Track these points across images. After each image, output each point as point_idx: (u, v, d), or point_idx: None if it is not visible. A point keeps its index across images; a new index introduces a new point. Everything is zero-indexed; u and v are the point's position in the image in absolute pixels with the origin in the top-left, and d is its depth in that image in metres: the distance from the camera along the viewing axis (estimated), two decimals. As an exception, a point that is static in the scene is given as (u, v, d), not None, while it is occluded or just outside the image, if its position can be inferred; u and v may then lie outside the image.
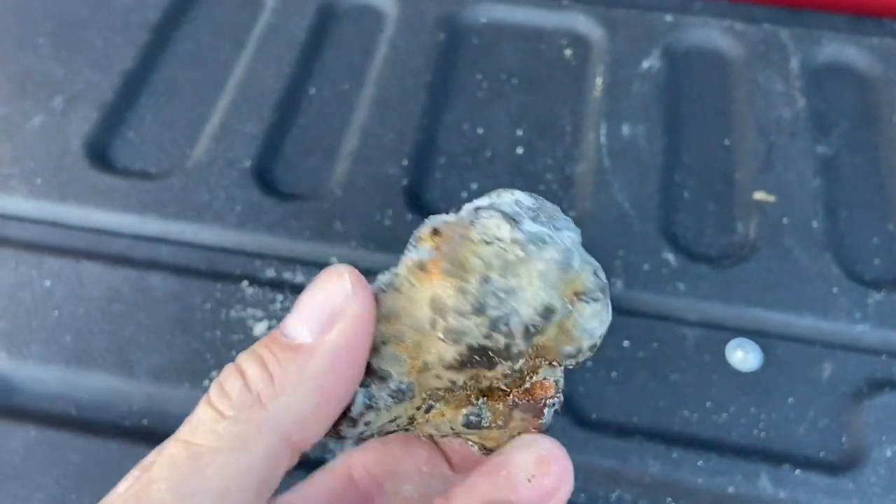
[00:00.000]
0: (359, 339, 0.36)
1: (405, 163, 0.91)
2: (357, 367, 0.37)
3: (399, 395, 0.38)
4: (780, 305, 0.79)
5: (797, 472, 0.68)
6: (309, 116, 0.98)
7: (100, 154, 0.92)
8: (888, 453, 0.69)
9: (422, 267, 0.38)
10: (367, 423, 0.39)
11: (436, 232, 0.41)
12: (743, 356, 0.75)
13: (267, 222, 0.85)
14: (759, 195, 0.89)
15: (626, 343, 0.77)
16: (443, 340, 0.37)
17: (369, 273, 0.77)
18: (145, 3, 1.08)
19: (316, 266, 0.82)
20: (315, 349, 0.35)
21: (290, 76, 1.00)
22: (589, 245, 0.80)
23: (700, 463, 0.69)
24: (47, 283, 0.79)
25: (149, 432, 0.70)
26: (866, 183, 0.91)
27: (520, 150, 0.94)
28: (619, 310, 0.79)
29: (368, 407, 0.38)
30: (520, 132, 0.96)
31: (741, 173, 0.92)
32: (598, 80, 1.01)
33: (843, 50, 1.04)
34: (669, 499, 0.68)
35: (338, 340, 0.35)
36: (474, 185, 0.91)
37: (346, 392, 0.37)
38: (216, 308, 0.77)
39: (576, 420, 0.71)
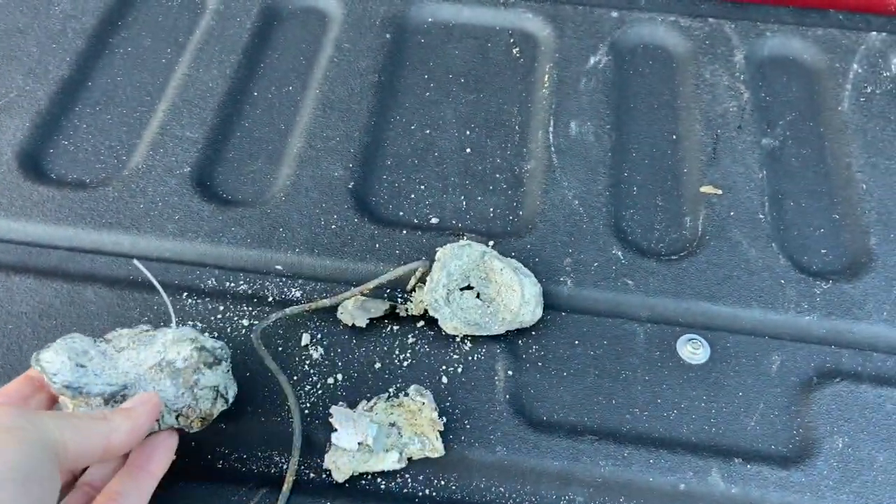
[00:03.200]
0: None
1: (351, 165, 0.89)
2: None
3: None
4: (728, 299, 0.79)
5: (748, 466, 0.67)
6: (252, 119, 0.95)
7: (33, 164, 0.88)
8: (839, 444, 0.69)
9: None
10: None
11: None
12: (692, 351, 0.75)
13: (208, 230, 0.82)
14: (705, 188, 0.89)
15: (576, 342, 0.76)
16: None
17: (313, 279, 0.76)
18: (83, 10, 1.05)
19: (259, 274, 0.80)
20: None
21: (232, 79, 0.98)
22: (538, 245, 0.79)
23: (651, 460, 0.68)
24: (-24, 299, 0.76)
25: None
26: (812, 173, 0.92)
27: (468, 150, 0.93)
28: (569, 308, 0.79)
29: None
30: (468, 132, 0.95)
31: (689, 167, 0.92)
32: (546, 78, 1.00)
33: (788, 42, 1.05)
34: (622, 498, 0.67)
35: None
36: (422, 187, 0.89)
37: None
38: (154, 321, 0.75)
39: (527, 422, 0.70)
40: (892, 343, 0.76)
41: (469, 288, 0.77)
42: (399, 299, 0.78)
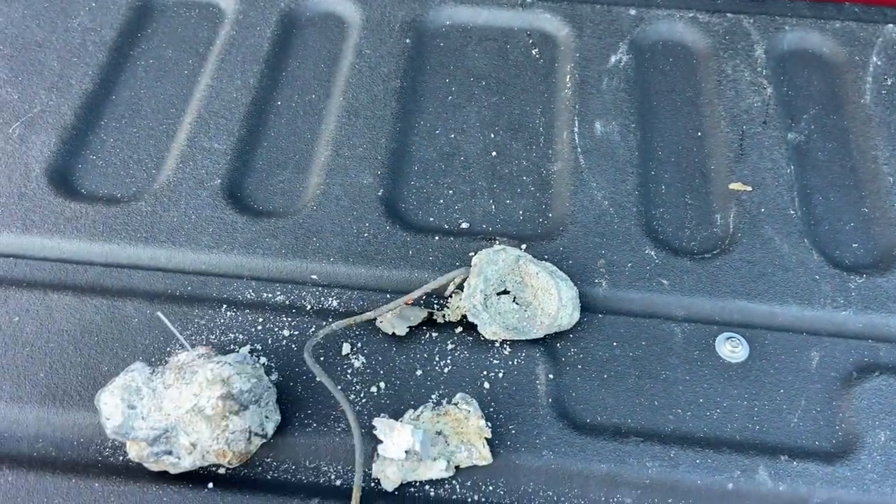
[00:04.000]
0: None
1: (379, 172, 0.90)
2: None
3: None
4: (764, 296, 0.79)
5: (794, 463, 0.68)
6: (278, 129, 0.96)
7: (62, 180, 0.89)
8: (882, 438, 0.69)
9: None
10: None
11: None
12: (731, 349, 0.75)
13: (242, 241, 0.82)
14: (734, 185, 0.89)
15: (615, 344, 0.76)
16: None
17: (349, 288, 0.76)
18: (102, 22, 1.05)
19: (296, 284, 0.80)
20: None
21: (255, 88, 0.98)
22: (571, 247, 0.80)
23: (698, 461, 0.68)
24: (16, 318, 0.76)
25: (131, 467, 0.67)
26: (839, 167, 0.92)
27: (494, 153, 0.93)
28: (605, 310, 0.79)
29: None
30: (492, 135, 0.95)
31: (716, 164, 0.92)
32: (568, 78, 1.00)
33: (807, 35, 1.05)
34: (671, 499, 0.67)
35: None
36: (450, 192, 0.89)
37: None
38: (196, 334, 0.75)
39: (571, 426, 0.71)
40: (928, 336, 0.76)
41: (506, 292, 0.78)
42: (436, 306, 0.78)
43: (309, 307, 0.78)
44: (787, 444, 0.70)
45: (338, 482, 0.68)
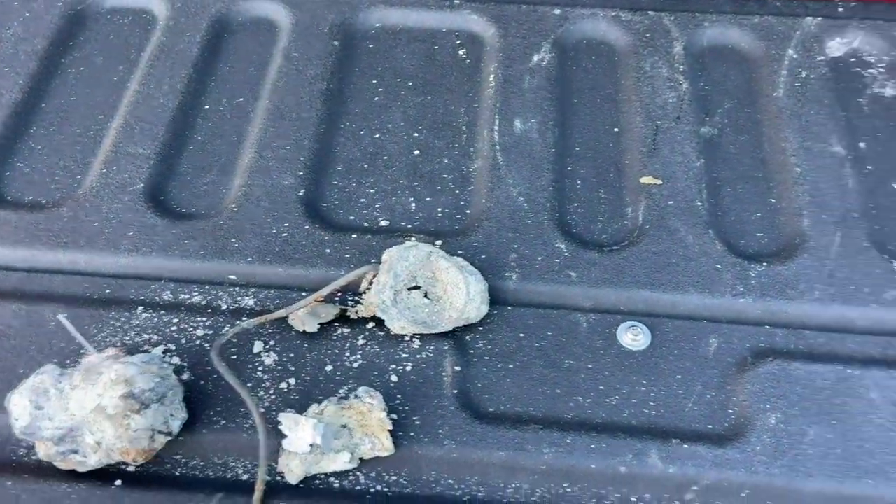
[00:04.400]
0: None
1: (301, 173, 0.92)
2: None
3: None
4: (667, 286, 0.82)
5: (685, 446, 0.71)
6: (204, 133, 0.97)
7: (-12, 188, 0.90)
8: (772, 421, 0.72)
9: None
10: None
11: None
12: (633, 338, 0.78)
13: (161, 244, 0.84)
14: (645, 179, 0.91)
15: (522, 335, 0.79)
16: None
17: (266, 287, 0.78)
18: (34, 32, 1.06)
19: (213, 285, 0.82)
20: None
21: (183, 93, 1.00)
22: (484, 242, 0.82)
23: (593, 446, 0.71)
24: (-64, 324, 0.78)
25: (43, 466, 0.69)
26: (749, 159, 0.95)
27: (416, 152, 0.96)
28: (515, 302, 0.81)
29: None
30: (416, 134, 0.98)
31: (630, 159, 0.94)
32: (491, 77, 1.02)
33: (726, 31, 1.07)
34: (566, 484, 0.70)
35: None
36: (372, 191, 0.92)
37: None
38: (111, 336, 0.77)
39: (474, 415, 0.73)
40: (822, 321, 0.79)
41: (417, 288, 0.80)
42: (350, 302, 0.81)
43: (225, 307, 0.80)
44: (681, 428, 0.72)
45: (245, 477, 0.70)
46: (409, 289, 0.80)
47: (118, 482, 0.68)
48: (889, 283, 0.81)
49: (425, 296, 0.80)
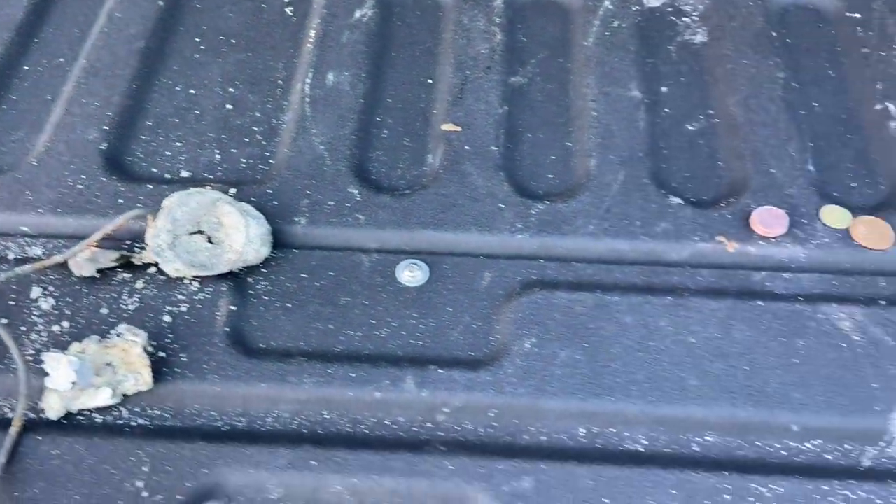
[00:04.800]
0: None
1: (106, 128, 0.93)
2: None
3: None
4: (450, 225, 0.84)
5: (441, 371, 0.73)
6: (20, 92, 0.98)
7: None
8: (527, 346, 0.75)
9: None
10: None
11: None
12: (411, 275, 0.80)
13: (-47, 199, 0.85)
14: (446, 126, 0.94)
15: (303, 276, 0.81)
16: None
17: (56, 237, 0.79)
18: None
19: (3, 236, 0.83)
20: None
21: (3, 55, 1.00)
22: (280, 189, 0.84)
23: (353, 375, 0.73)
24: None
25: None
26: (554, 107, 0.97)
27: (229, 107, 0.97)
28: (302, 245, 0.83)
29: None
30: (231, 89, 0.99)
31: (438, 109, 0.96)
32: (312, 33, 1.04)
33: (549, -15, 1.10)
34: (324, 411, 0.72)
35: None
36: (178, 144, 0.93)
37: None
38: None
39: (242, 351, 0.75)
40: (594, 254, 0.82)
41: (200, 232, 0.81)
42: (137, 249, 0.82)
43: (12, 256, 0.81)
44: (442, 356, 0.75)
45: (10, 415, 0.71)
46: (192, 233, 0.81)
47: None
48: (661, 217, 0.84)
49: (209, 240, 0.81)
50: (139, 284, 0.79)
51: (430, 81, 1.00)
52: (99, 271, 0.79)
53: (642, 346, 0.74)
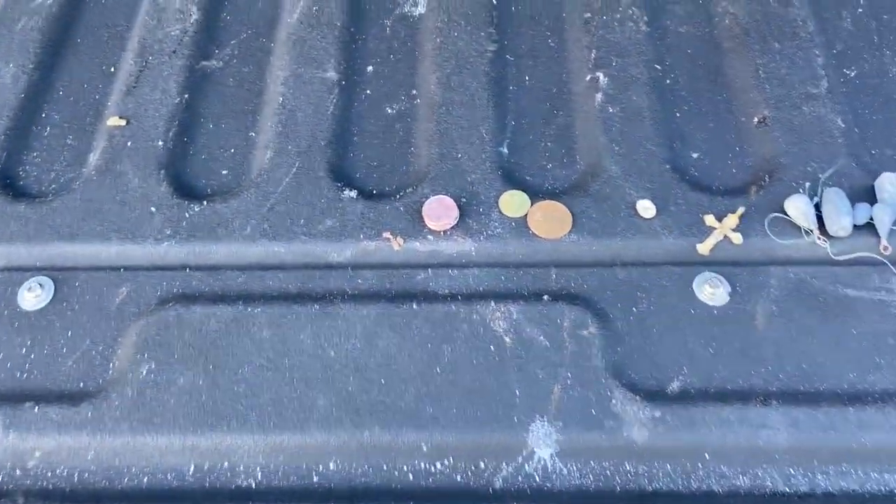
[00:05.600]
0: None
1: None
2: None
3: None
4: (87, 236, 0.75)
5: (37, 409, 0.64)
6: None
7: None
8: (144, 371, 0.66)
9: None
10: None
11: None
12: (33, 295, 0.70)
13: None
14: (111, 121, 0.83)
15: None
16: None
17: None
18: None
19: None
20: None
21: None
22: None
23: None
24: None
25: None
26: (245, 92, 0.88)
27: None
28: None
29: None
30: None
31: (112, 100, 0.86)
32: (-11, 22, 0.92)
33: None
34: None
35: None
36: None
37: None
38: None
39: None
40: (245, 259, 0.74)
41: None
42: None
43: None
44: (43, 391, 0.66)
45: None
46: None
47: None
48: (328, 214, 0.76)
49: None
50: None
51: (112, 70, 0.89)
52: None
53: (275, 365, 0.66)
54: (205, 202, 0.77)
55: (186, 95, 0.86)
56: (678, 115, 0.83)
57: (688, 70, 0.87)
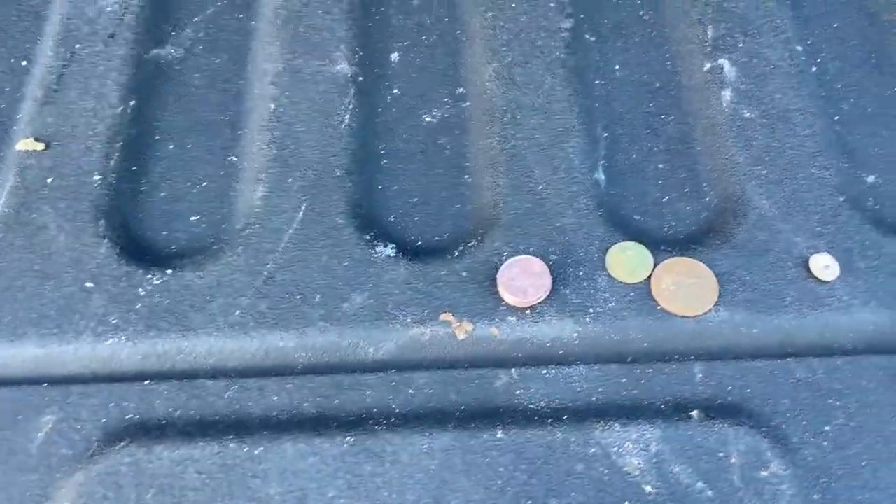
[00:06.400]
0: None
1: None
2: None
3: None
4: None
5: None
6: None
7: None
8: None
9: None
10: None
11: None
12: None
13: None
14: (23, 144, 0.57)
15: None
16: None
17: None
18: None
19: None
20: None
21: None
22: None
23: None
24: None
25: None
26: (219, 94, 0.62)
27: None
28: None
29: None
30: None
31: (24, 110, 0.60)
32: None
33: None
34: None
35: None
36: None
37: None
38: None
39: None
40: (234, 361, 0.49)
41: None
42: None
43: None
44: None
45: None
46: None
47: None
48: (357, 283, 0.51)
49: None
50: None
51: (23, 64, 0.63)
52: None
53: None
54: (168, 270, 0.52)
55: (132, 102, 0.60)
56: (836, 118, 0.59)
57: (839, 52, 0.63)
